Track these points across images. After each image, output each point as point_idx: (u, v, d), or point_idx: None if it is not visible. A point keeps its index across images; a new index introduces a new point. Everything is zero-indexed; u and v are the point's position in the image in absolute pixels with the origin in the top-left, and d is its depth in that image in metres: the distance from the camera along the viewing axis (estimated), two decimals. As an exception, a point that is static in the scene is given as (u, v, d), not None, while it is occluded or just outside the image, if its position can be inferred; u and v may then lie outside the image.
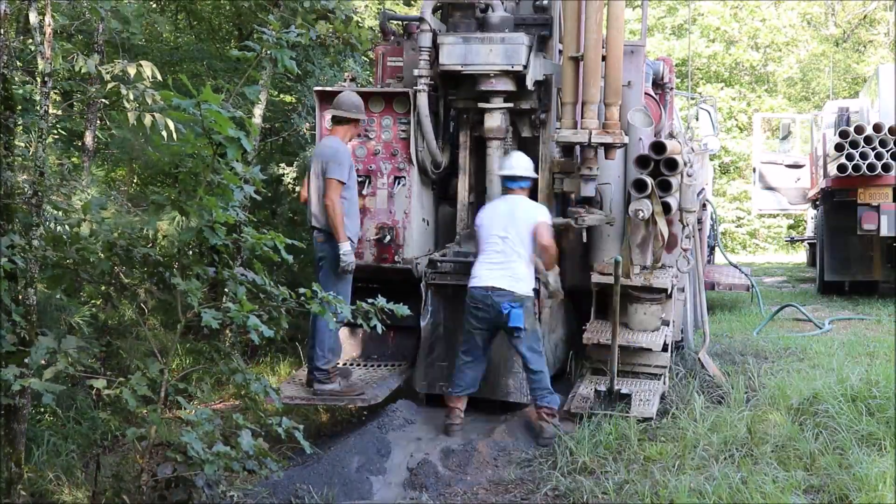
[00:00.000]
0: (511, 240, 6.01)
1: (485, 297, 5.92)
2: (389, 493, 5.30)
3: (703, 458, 5.21)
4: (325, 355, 6.04)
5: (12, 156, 4.51)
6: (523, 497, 5.12)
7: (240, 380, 4.54)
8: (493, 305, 5.89)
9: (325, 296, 4.57)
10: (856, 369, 6.61)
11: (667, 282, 6.64)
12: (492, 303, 5.89)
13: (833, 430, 5.44)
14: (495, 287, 5.91)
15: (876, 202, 10.82)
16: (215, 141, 4.13)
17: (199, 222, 4.24)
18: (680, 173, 6.49)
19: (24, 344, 4.23)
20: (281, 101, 10.25)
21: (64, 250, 4.59)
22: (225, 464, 4.28)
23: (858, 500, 4.57)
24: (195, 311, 4.31)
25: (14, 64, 5.63)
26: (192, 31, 10.94)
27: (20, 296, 4.36)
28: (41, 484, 5.05)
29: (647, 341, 6.46)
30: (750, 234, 24.38)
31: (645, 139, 6.61)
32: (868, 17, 25.86)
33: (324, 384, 6.06)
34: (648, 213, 6.37)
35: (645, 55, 7.25)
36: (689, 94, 14.70)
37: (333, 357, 6.11)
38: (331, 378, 6.08)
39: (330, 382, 6.07)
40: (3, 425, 4.33)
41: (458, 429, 5.98)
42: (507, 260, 5.99)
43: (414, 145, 6.62)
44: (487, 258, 6.03)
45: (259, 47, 4.43)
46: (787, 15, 25.89)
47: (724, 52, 25.64)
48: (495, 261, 5.99)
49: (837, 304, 11.53)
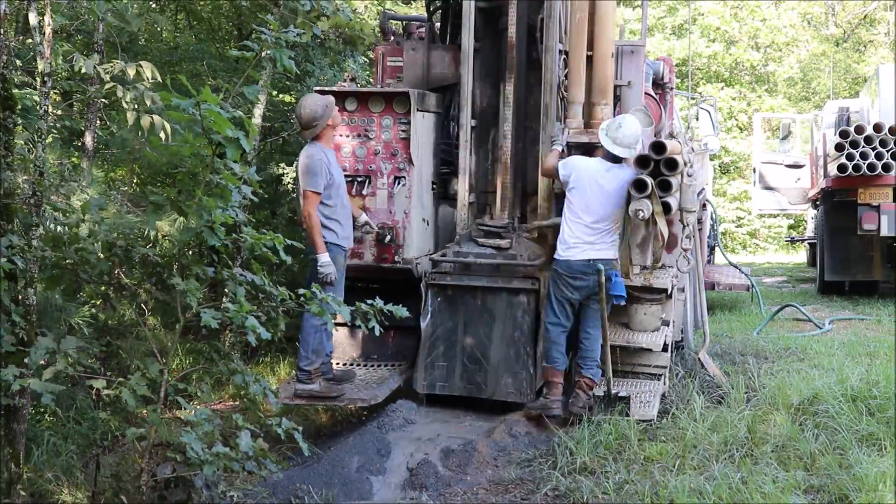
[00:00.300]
0: (607, 213, 6.04)
1: (587, 268, 5.98)
2: (389, 493, 5.30)
3: (703, 458, 5.21)
4: (308, 356, 6.02)
5: (12, 156, 4.51)
6: (523, 497, 5.12)
7: (239, 381, 4.54)
8: (594, 276, 5.94)
9: (324, 296, 4.57)
10: (856, 369, 6.61)
11: (667, 282, 6.64)
12: (594, 272, 5.95)
13: (833, 430, 5.43)
14: (597, 259, 5.98)
15: (876, 202, 10.82)
16: (214, 141, 4.13)
17: (199, 223, 4.24)
18: (680, 173, 6.48)
19: (24, 344, 4.22)
20: (281, 101, 10.24)
21: (63, 250, 4.59)
22: (224, 464, 4.28)
23: (858, 500, 4.57)
24: (194, 311, 4.31)
25: (14, 64, 5.63)
26: (192, 31, 10.94)
27: (20, 296, 4.36)
28: (41, 484, 5.05)
29: (647, 341, 6.46)
30: (750, 234, 24.37)
31: (645, 139, 6.61)
32: (868, 17, 25.86)
33: (304, 384, 6.04)
34: (648, 213, 6.36)
35: (645, 55, 7.26)
36: (689, 94, 14.69)
37: (317, 358, 6.07)
38: (311, 379, 6.05)
39: (310, 383, 6.04)
40: (3, 425, 4.33)
41: (559, 407, 6.03)
42: (605, 230, 6.05)
43: (415, 145, 6.63)
44: (583, 231, 6.04)
45: (258, 47, 4.43)
46: (788, 15, 25.90)
47: (724, 52, 25.63)
48: (592, 231, 6.03)
49: (837, 304, 11.53)
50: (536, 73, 6.86)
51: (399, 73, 7.21)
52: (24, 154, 4.70)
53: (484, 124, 7.05)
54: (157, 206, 4.42)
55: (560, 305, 6.09)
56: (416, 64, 7.22)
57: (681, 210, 6.67)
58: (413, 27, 7.77)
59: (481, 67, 6.93)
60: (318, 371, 6.10)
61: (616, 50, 7.08)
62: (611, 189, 6.05)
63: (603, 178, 6.07)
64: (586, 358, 6.12)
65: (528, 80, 6.98)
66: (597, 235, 6.04)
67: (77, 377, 4.79)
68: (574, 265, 6.03)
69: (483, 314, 6.41)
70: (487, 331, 6.38)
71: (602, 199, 6.05)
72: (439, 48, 7.31)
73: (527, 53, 6.95)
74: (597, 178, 6.07)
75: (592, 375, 6.09)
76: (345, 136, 6.70)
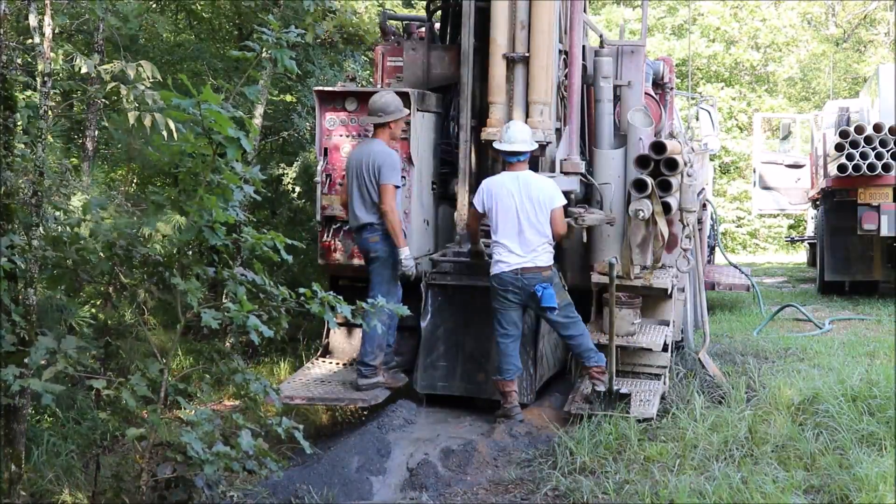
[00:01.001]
0: (531, 220, 6.01)
1: (515, 280, 5.99)
2: (389, 493, 5.29)
3: (703, 458, 5.20)
4: (374, 351, 6.22)
5: (12, 156, 4.51)
6: (523, 497, 5.12)
7: (239, 380, 4.54)
8: (524, 287, 5.97)
9: (324, 296, 4.55)
10: (856, 369, 6.61)
11: (667, 282, 6.64)
12: (522, 285, 5.97)
13: (833, 430, 5.43)
14: (525, 269, 5.97)
15: (876, 202, 10.82)
16: (215, 141, 4.13)
17: (199, 222, 4.23)
18: (680, 173, 6.49)
19: (24, 344, 4.22)
20: (281, 100, 10.25)
21: (64, 250, 4.58)
22: (225, 464, 4.28)
23: (858, 500, 4.57)
24: (195, 311, 4.31)
25: (14, 64, 5.63)
26: (192, 31, 10.94)
27: (20, 296, 4.36)
28: (41, 484, 5.04)
29: (647, 341, 6.46)
30: (750, 234, 24.38)
31: (645, 139, 6.61)
32: (868, 17, 25.86)
33: (368, 378, 6.22)
34: (648, 213, 6.37)
35: (645, 55, 7.26)
36: (689, 94, 14.68)
37: (381, 352, 6.29)
38: (376, 372, 6.25)
39: (375, 376, 6.25)
40: (3, 425, 4.33)
41: (520, 413, 6.05)
42: (531, 239, 6.00)
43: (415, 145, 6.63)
44: (510, 240, 6.02)
45: (259, 47, 4.42)
46: (788, 15, 25.89)
47: (724, 52, 25.63)
48: (518, 242, 6.00)
49: (837, 304, 11.53)
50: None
51: (399, 73, 7.21)
52: (25, 154, 4.69)
53: (484, 124, 7.05)
54: (157, 205, 4.42)
55: (504, 317, 6.10)
56: (416, 64, 7.22)
57: (681, 210, 6.68)
58: (413, 27, 7.77)
59: (481, 67, 6.93)
60: (381, 364, 6.31)
61: (616, 49, 7.09)
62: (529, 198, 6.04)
63: (515, 189, 6.05)
64: (582, 353, 6.14)
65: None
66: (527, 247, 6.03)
67: (77, 377, 4.79)
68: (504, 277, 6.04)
69: (483, 314, 6.40)
70: (487, 331, 6.37)
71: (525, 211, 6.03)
72: (439, 48, 7.32)
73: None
74: (511, 192, 6.05)
75: (598, 361, 6.10)
76: (345, 136, 6.69)
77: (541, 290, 5.95)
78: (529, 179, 6.10)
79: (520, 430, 5.95)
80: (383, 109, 6.18)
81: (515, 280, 6.00)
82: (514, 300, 6.05)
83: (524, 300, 6.06)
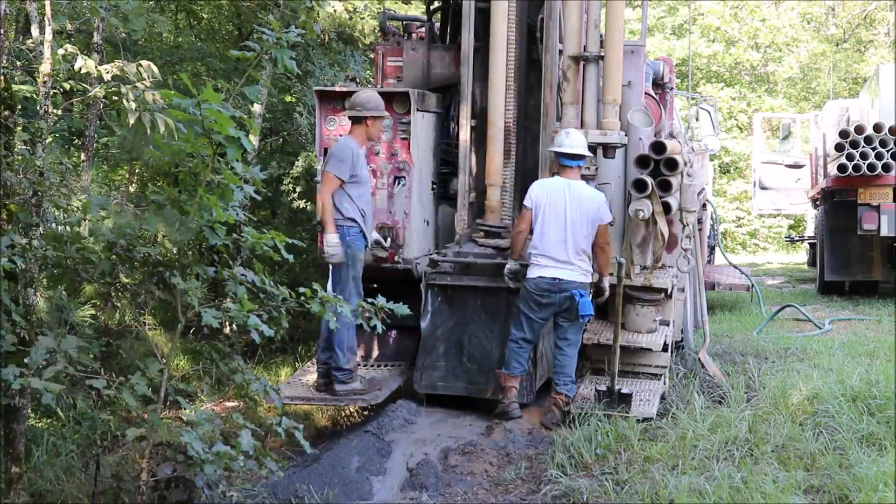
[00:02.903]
0: (577, 231, 5.99)
1: (552, 287, 5.96)
2: (389, 493, 5.29)
3: (703, 458, 5.20)
4: (345, 353, 6.07)
5: (12, 156, 4.51)
6: (523, 497, 5.12)
7: (240, 380, 4.53)
8: (560, 295, 5.95)
9: (324, 296, 4.56)
10: (856, 369, 6.61)
11: (667, 282, 6.64)
12: (559, 293, 5.95)
13: (833, 430, 5.43)
14: (562, 279, 5.96)
15: (876, 202, 10.81)
16: (215, 141, 4.12)
17: (199, 222, 4.23)
18: (680, 173, 6.49)
19: (24, 344, 4.22)
20: (281, 100, 10.25)
21: (64, 250, 4.58)
22: (225, 464, 4.28)
23: (858, 500, 4.57)
24: (195, 310, 4.31)
25: (14, 64, 5.62)
26: (192, 31, 10.94)
27: (20, 296, 4.36)
28: (41, 484, 5.05)
29: (648, 341, 6.46)
30: (750, 234, 24.36)
31: (645, 139, 6.61)
32: (868, 17, 25.85)
33: (345, 384, 6.09)
34: (648, 213, 6.37)
35: (645, 55, 7.26)
36: (689, 94, 14.69)
37: (353, 356, 6.15)
38: (353, 377, 6.12)
39: (352, 381, 6.11)
40: (3, 425, 4.33)
41: (518, 412, 6.03)
42: (574, 250, 6.00)
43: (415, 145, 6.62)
44: (553, 248, 5.99)
45: (259, 47, 4.43)
46: (788, 15, 25.87)
47: (724, 52, 25.61)
48: (562, 251, 5.98)
49: (837, 304, 11.53)
50: (537, 73, 6.87)
51: (399, 73, 7.21)
52: (25, 154, 4.69)
53: (484, 124, 7.05)
54: (157, 205, 4.42)
55: (528, 322, 6.08)
56: (416, 64, 7.22)
57: (681, 210, 6.69)
58: (413, 27, 7.77)
59: (481, 67, 6.94)
60: (356, 368, 6.18)
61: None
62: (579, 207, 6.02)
63: (568, 197, 6.02)
64: (559, 374, 6.10)
65: (528, 80, 6.98)
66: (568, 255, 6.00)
67: (77, 377, 4.79)
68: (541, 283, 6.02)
69: (483, 314, 6.41)
70: (487, 331, 6.38)
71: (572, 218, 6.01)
72: (439, 48, 7.32)
73: (527, 53, 6.95)
74: (563, 198, 6.02)
75: (567, 392, 6.07)
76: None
77: (579, 297, 5.92)
78: (581, 190, 6.08)
79: (520, 429, 5.95)
80: (363, 105, 6.06)
81: (552, 287, 5.98)
82: (545, 308, 6.02)
83: (557, 308, 6.03)
